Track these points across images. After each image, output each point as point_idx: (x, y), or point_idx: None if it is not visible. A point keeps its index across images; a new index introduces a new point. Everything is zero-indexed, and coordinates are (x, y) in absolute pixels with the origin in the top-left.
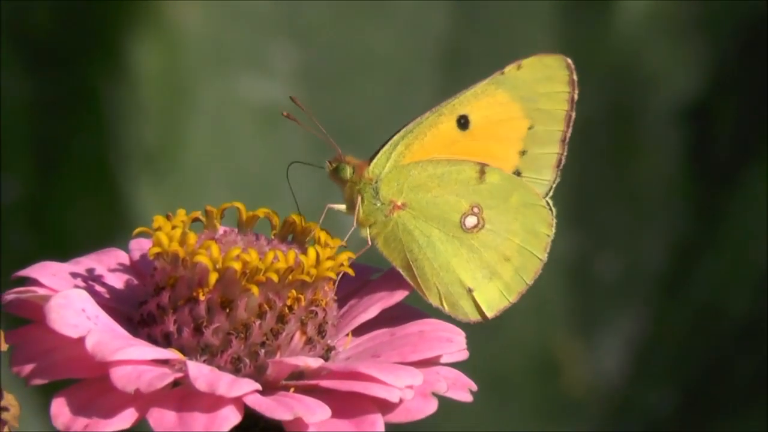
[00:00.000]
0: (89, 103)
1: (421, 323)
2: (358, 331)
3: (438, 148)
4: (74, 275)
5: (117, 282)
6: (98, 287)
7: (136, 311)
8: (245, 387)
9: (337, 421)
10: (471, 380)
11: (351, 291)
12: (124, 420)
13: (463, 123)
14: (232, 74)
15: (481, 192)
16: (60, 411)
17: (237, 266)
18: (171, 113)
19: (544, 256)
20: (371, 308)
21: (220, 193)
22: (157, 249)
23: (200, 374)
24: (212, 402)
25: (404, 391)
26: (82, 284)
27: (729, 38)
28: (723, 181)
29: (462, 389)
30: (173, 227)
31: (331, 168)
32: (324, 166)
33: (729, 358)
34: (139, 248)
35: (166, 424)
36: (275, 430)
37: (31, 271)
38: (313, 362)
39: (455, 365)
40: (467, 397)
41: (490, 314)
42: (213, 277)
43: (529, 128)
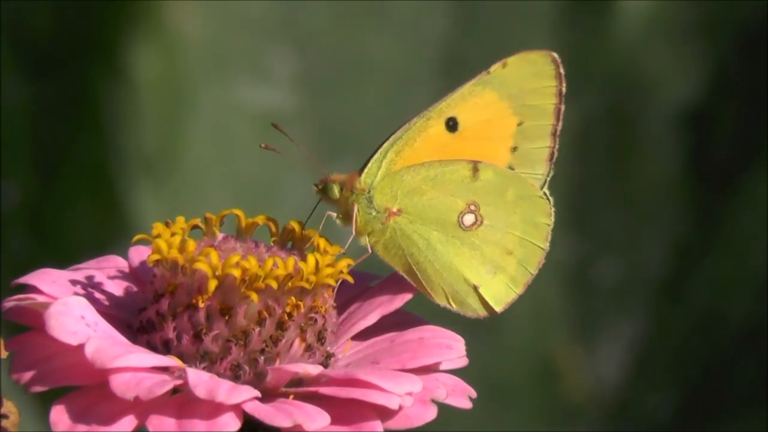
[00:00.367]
0: (89, 109)
1: (421, 330)
2: (358, 338)
3: (429, 152)
4: (74, 282)
5: (116, 289)
6: (97, 294)
7: (136, 318)
8: (244, 394)
9: (337, 428)
10: (470, 387)
11: (350, 298)
12: (124, 427)
13: (452, 125)
14: (232, 80)
15: (477, 189)
16: (59, 418)
17: (236, 273)
18: (170, 118)
19: (546, 245)
20: (370, 315)
21: (220, 198)
22: (157, 256)
23: (200, 381)
24: (212, 409)
25: (404, 398)
26: (82, 291)
27: (729, 42)
28: (723, 185)
29: (461, 396)
30: (172, 234)
31: (318, 189)
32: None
33: (729, 362)
34: (139, 255)
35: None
36: None
37: (31, 279)
38: (313, 369)
39: (455, 372)
40: (467, 404)
41: (499, 308)
42: (212, 284)
43: (519, 125)
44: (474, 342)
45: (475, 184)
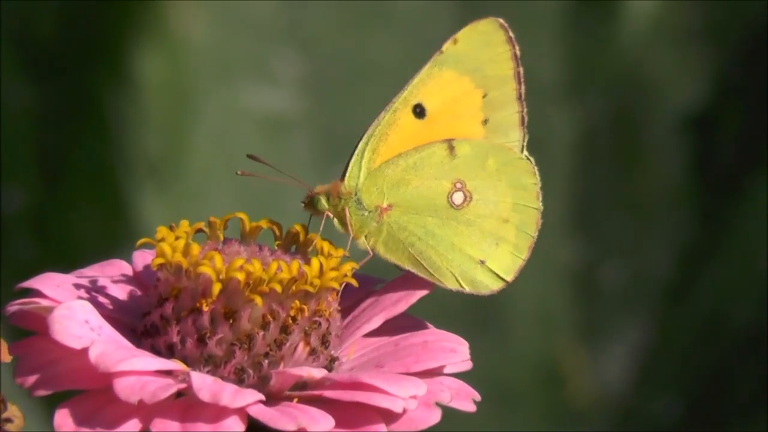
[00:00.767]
0: (93, 112)
1: (425, 333)
2: (362, 342)
3: (403, 143)
4: (78, 286)
5: (120, 293)
6: (101, 298)
7: (140, 322)
8: (249, 397)
9: (341, 431)
10: (475, 390)
11: (354, 301)
12: (128, 430)
13: (420, 112)
14: (236, 83)
15: (458, 166)
16: (63, 422)
17: (240, 277)
18: (175, 122)
19: (539, 205)
20: (375, 318)
21: (224, 202)
22: (161, 260)
23: (204, 385)
24: (216, 412)
25: (408, 402)
26: (86, 295)
27: (734, 46)
28: (728, 189)
29: (466, 399)
30: (176, 238)
31: (306, 205)
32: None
33: (734, 367)
34: (143, 259)
35: None
36: None
37: (35, 283)
38: (317, 373)
39: (459, 375)
40: (471, 408)
41: (510, 277)
42: (216, 288)
43: (484, 96)
44: (478, 345)
45: (455, 162)
